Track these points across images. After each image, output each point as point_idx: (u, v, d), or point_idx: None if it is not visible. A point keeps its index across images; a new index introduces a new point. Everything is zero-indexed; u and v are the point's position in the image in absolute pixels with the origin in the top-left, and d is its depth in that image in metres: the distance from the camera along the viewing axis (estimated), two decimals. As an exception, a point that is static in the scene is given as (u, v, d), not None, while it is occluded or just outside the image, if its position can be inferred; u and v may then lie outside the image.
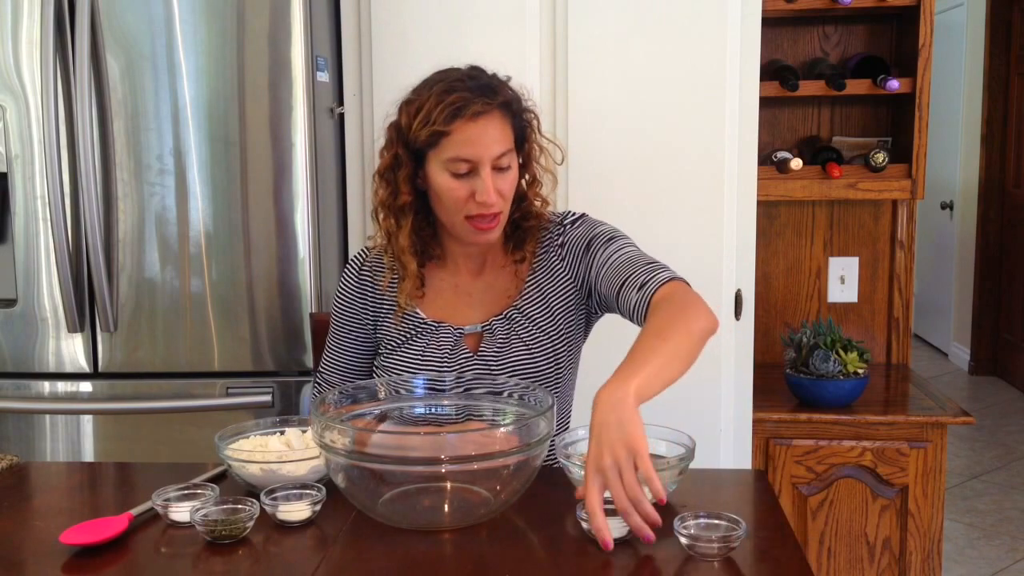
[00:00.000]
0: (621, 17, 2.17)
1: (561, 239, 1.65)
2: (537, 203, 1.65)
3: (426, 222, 1.61)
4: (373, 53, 2.23)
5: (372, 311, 1.67)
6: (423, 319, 1.63)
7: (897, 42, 2.68)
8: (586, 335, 1.72)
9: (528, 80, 2.19)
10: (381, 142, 1.61)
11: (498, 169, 1.52)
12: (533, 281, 1.64)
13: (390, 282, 1.64)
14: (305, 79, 2.15)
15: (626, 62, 2.18)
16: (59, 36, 2.13)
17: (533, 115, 1.61)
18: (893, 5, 2.49)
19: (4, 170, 2.21)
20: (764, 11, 2.22)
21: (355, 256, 1.71)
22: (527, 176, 1.63)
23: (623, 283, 1.53)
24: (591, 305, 1.66)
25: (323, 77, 2.23)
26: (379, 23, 2.22)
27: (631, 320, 1.54)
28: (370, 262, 1.69)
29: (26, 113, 2.18)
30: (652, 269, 1.53)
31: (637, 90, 2.19)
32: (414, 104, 1.53)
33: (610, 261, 1.58)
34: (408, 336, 1.63)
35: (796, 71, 2.56)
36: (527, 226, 1.64)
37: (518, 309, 1.62)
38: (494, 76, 1.57)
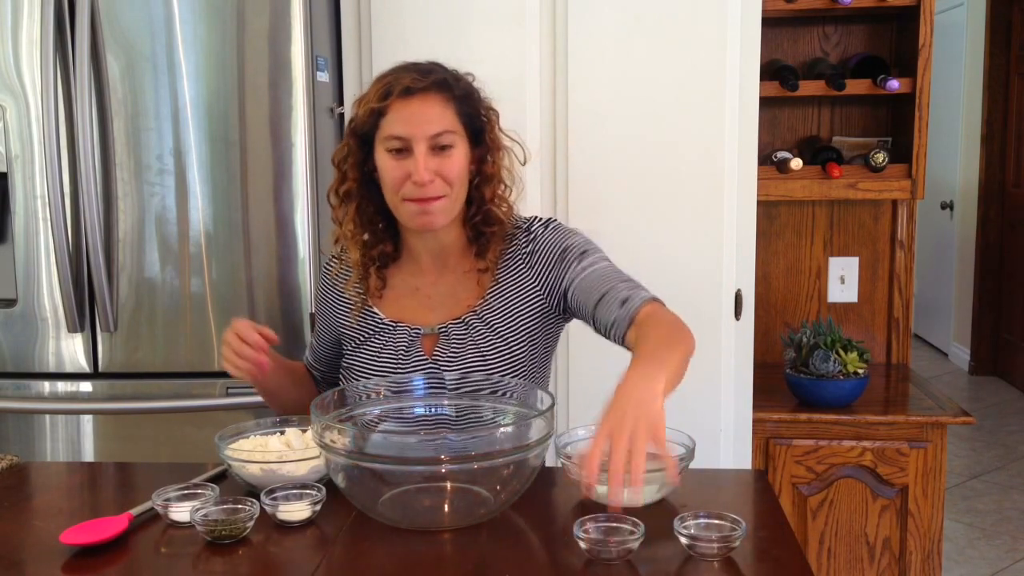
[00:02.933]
0: (621, 17, 2.17)
1: (530, 247, 1.61)
2: (499, 207, 1.60)
3: (380, 216, 1.61)
4: (373, 53, 2.23)
5: (335, 309, 1.69)
6: (381, 318, 1.62)
7: (897, 42, 2.68)
8: (556, 342, 1.68)
9: (528, 80, 2.20)
10: None
11: (437, 149, 1.50)
12: (497, 289, 1.60)
13: (355, 285, 1.65)
14: (305, 79, 2.15)
15: (626, 62, 2.18)
16: (59, 36, 2.13)
17: (485, 108, 1.57)
18: (893, 5, 2.49)
19: (4, 170, 2.21)
20: (764, 11, 2.22)
21: (331, 251, 1.74)
22: (484, 175, 1.58)
23: (601, 297, 1.51)
24: (560, 313, 1.62)
25: (323, 77, 2.23)
26: (379, 23, 2.22)
27: (604, 334, 1.52)
28: (335, 261, 1.72)
29: (26, 113, 2.18)
30: (630, 286, 1.52)
31: (637, 90, 2.18)
32: (362, 95, 1.56)
33: (585, 274, 1.55)
34: (367, 335, 1.63)
35: (796, 71, 2.56)
36: (489, 232, 1.59)
37: (478, 315, 1.59)
38: (443, 67, 1.55)
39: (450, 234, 1.60)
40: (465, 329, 1.59)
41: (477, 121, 1.56)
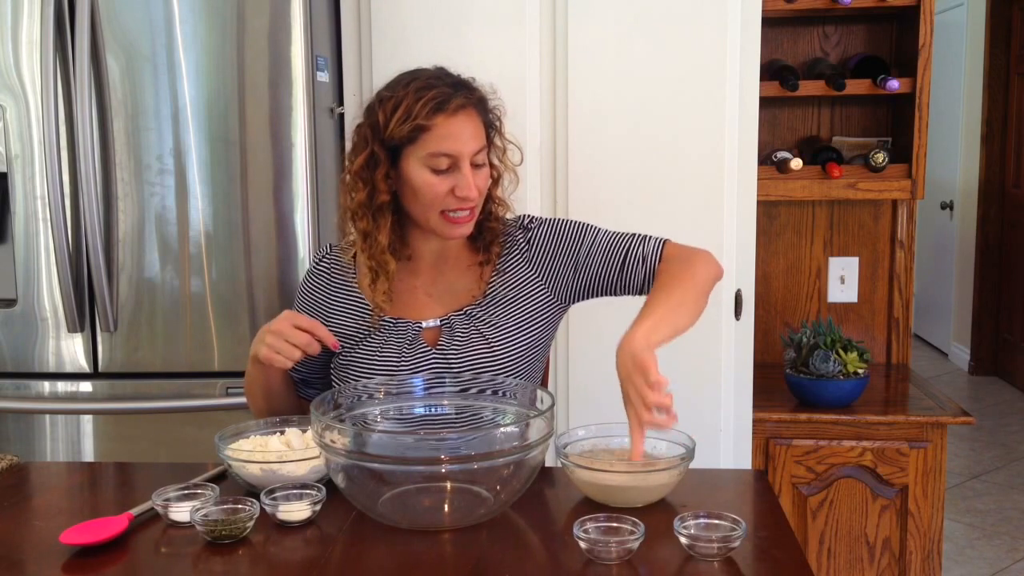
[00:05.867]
0: (621, 17, 2.17)
1: (526, 244, 1.66)
2: (497, 204, 1.65)
3: (396, 222, 1.60)
4: (373, 53, 2.23)
5: (327, 309, 1.66)
6: (381, 316, 1.62)
7: (897, 42, 2.68)
8: (554, 334, 1.73)
9: (528, 80, 2.20)
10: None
11: (475, 165, 1.54)
12: (498, 281, 1.64)
13: (355, 285, 1.63)
14: (305, 79, 2.15)
15: (626, 62, 2.18)
16: (59, 36, 2.13)
17: (496, 116, 1.61)
18: (893, 5, 2.49)
19: (4, 170, 2.21)
20: (764, 11, 2.22)
21: (315, 253, 1.72)
22: (493, 177, 1.62)
23: (623, 261, 1.62)
24: (565, 301, 1.68)
25: (323, 77, 2.24)
26: (379, 23, 2.22)
27: (635, 292, 1.63)
28: (327, 260, 1.69)
29: (26, 113, 2.18)
30: (642, 240, 1.64)
31: (637, 90, 2.19)
32: (390, 102, 1.52)
33: (594, 248, 1.64)
34: (366, 333, 1.62)
35: (796, 71, 2.56)
36: (489, 227, 1.64)
37: (480, 306, 1.62)
38: (471, 81, 1.58)
39: None
40: (468, 320, 1.61)
41: (491, 128, 1.60)
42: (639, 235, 1.65)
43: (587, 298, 1.69)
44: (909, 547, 2.32)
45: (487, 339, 1.60)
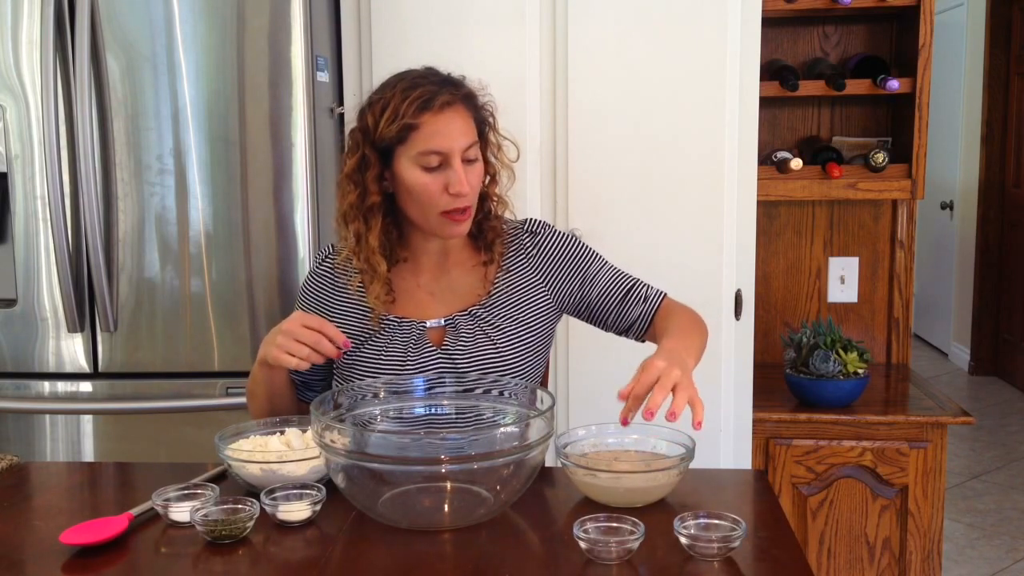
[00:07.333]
0: (621, 17, 2.17)
1: (534, 249, 1.67)
2: (496, 202, 1.66)
3: (393, 224, 1.61)
4: (373, 53, 2.23)
5: (331, 312, 1.65)
6: (384, 316, 1.62)
7: (897, 42, 2.68)
8: (553, 339, 1.74)
9: (528, 80, 2.20)
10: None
11: (467, 161, 1.54)
12: (502, 283, 1.65)
13: (357, 286, 1.63)
14: (305, 79, 2.15)
15: (626, 62, 2.18)
16: (59, 36, 2.13)
17: (489, 111, 1.61)
18: (893, 5, 2.49)
19: (4, 170, 2.21)
20: (764, 11, 2.22)
21: (317, 253, 1.72)
22: (488, 173, 1.62)
23: (626, 293, 1.65)
24: (561, 311, 1.70)
25: (323, 77, 2.24)
26: (379, 23, 2.22)
27: (623, 330, 1.67)
28: (329, 260, 1.69)
29: (26, 113, 2.18)
30: (643, 284, 1.68)
31: (637, 90, 2.19)
32: (378, 104, 1.54)
33: (602, 272, 1.67)
34: (369, 334, 1.62)
35: (796, 71, 2.56)
36: (490, 225, 1.65)
37: (484, 307, 1.63)
38: (461, 79, 1.59)
39: None
40: (473, 320, 1.61)
41: (484, 124, 1.60)
42: (641, 280, 1.69)
43: (577, 316, 1.71)
44: (909, 547, 2.32)
45: (492, 340, 1.60)
